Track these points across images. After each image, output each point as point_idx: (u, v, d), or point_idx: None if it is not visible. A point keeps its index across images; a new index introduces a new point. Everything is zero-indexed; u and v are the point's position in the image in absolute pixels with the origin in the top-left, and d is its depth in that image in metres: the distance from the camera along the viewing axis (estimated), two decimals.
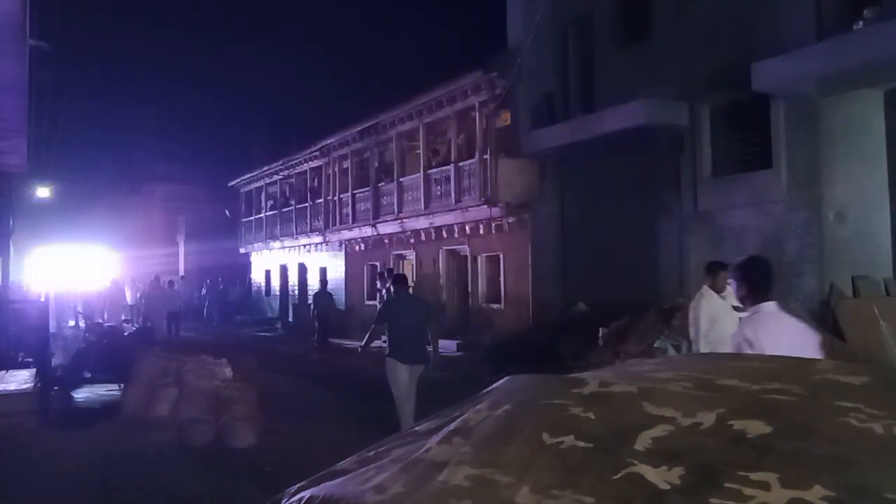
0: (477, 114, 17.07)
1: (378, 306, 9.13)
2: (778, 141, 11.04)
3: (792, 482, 1.37)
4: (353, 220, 22.54)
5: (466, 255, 18.44)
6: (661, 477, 1.46)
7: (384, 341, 7.94)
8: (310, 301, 21.25)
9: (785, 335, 3.77)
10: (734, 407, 1.66)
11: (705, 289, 6.38)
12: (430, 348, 7.82)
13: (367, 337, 8.04)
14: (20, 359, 11.01)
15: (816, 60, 10.00)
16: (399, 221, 20.04)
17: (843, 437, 1.52)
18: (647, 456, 1.53)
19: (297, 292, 27.66)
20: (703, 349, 5.88)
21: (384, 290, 19.71)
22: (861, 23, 9.73)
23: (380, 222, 21.02)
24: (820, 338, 4.17)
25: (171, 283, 22.41)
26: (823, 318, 9.88)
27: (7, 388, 8.92)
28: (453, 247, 18.88)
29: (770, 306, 3.92)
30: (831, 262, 10.67)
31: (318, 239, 25.20)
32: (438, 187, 18.55)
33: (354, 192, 22.60)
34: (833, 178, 10.82)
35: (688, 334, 6.43)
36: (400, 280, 8.53)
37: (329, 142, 23.70)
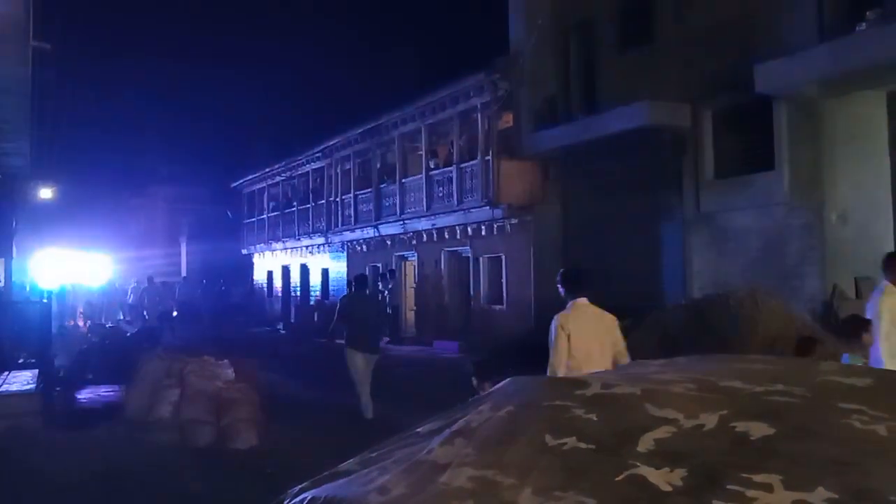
0: (479, 115, 17.08)
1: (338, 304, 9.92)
2: (780, 143, 11.03)
3: (795, 484, 1.37)
4: (356, 222, 22.55)
5: (468, 257, 18.44)
6: (663, 479, 1.46)
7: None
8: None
9: (590, 322, 5.32)
10: (737, 408, 1.66)
11: (887, 285, 5.51)
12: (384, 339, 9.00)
13: (331, 329, 9.57)
14: (22, 359, 11.02)
15: (819, 62, 10.00)
16: (401, 223, 20.05)
17: (847, 439, 1.52)
18: (649, 458, 1.53)
19: (298, 293, 27.67)
20: (885, 354, 5.17)
21: (386, 291, 19.79)
22: (864, 24, 9.72)
23: (382, 223, 21.03)
24: (616, 321, 5.53)
25: (164, 283, 22.97)
26: (826, 319, 9.87)
27: (10, 389, 8.93)
28: (455, 248, 18.88)
29: (581, 301, 5.43)
30: (834, 263, 10.66)
31: (320, 240, 25.21)
32: (440, 189, 18.55)
33: (357, 193, 22.61)
34: (836, 179, 10.81)
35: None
36: (359, 281, 9.69)
37: (331, 143, 23.72)
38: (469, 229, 17.87)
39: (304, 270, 27.25)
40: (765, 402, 1.71)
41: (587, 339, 5.23)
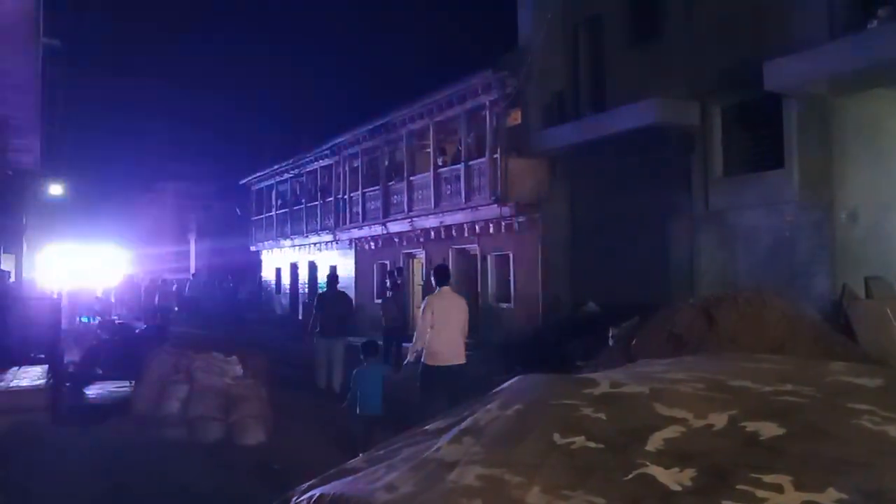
0: (487, 113, 17.05)
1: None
2: (790, 141, 10.97)
3: (805, 484, 1.36)
4: (364, 219, 22.56)
5: (476, 255, 18.42)
6: (672, 478, 1.45)
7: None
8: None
9: (448, 302, 7.72)
10: (747, 408, 1.66)
11: None
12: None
13: (311, 321, 11.44)
14: (32, 355, 11.07)
15: (829, 60, 9.93)
16: (409, 220, 20.04)
17: (857, 440, 1.51)
18: (658, 457, 1.53)
19: (307, 290, 27.72)
20: None
21: (394, 289, 19.80)
22: (875, 22, 9.65)
23: (390, 221, 21.04)
24: (466, 304, 8.01)
25: (164, 281, 23.55)
26: (835, 319, 9.82)
27: (20, 385, 8.98)
28: (463, 246, 18.87)
29: (445, 288, 7.85)
30: (843, 262, 10.60)
31: (328, 237, 25.24)
32: (448, 186, 18.54)
33: (365, 190, 22.62)
34: (845, 178, 10.74)
35: None
36: (330, 280, 12.12)
37: (339, 140, 23.74)
38: (477, 227, 17.86)
39: (312, 267, 27.29)
40: (774, 402, 1.70)
41: (445, 313, 7.64)
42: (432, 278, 8.11)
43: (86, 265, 27.30)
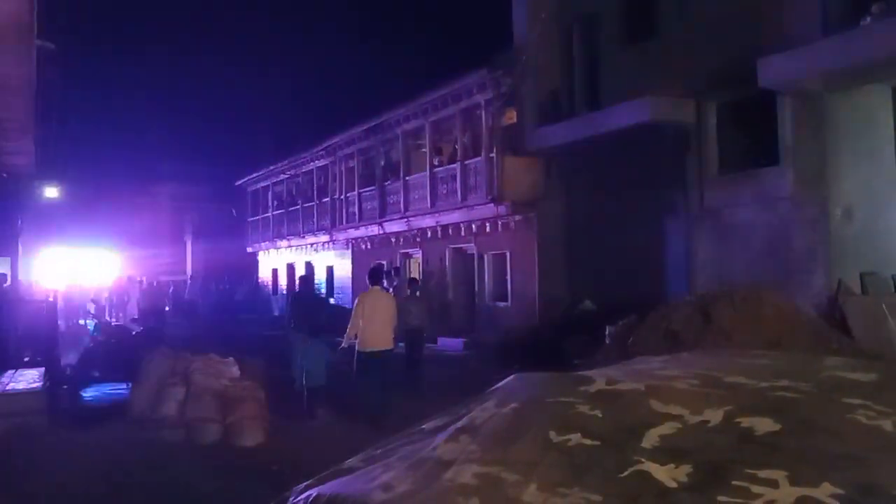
0: (482, 112, 17.05)
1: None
2: (784, 137, 10.99)
3: (800, 479, 1.37)
4: (360, 219, 22.56)
5: (473, 254, 18.43)
6: (668, 475, 1.46)
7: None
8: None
9: (378, 299, 9.11)
10: (742, 404, 1.66)
11: None
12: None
13: (287, 317, 12.00)
14: (28, 358, 11.05)
15: (823, 56, 9.95)
16: (405, 220, 20.05)
17: (852, 435, 1.51)
18: (654, 454, 1.53)
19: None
20: None
21: (391, 289, 19.81)
22: (868, 18, 9.68)
23: (386, 221, 21.03)
24: (394, 300, 9.61)
25: (159, 283, 24.18)
26: (831, 315, 9.85)
27: (16, 387, 8.96)
28: (459, 245, 18.88)
29: (375, 287, 9.34)
30: (839, 258, 10.62)
31: (324, 238, 25.23)
32: (444, 186, 18.54)
33: (361, 190, 22.61)
34: (840, 174, 10.77)
35: None
36: (303, 281, 13.18)
37: (335, 141, 23.73)
38: (473, 226, 17.87)
39: (309, 268, 27.28)
40: (770, 398, 1.71)
41: (375, 309, 8.96)
42: (367, 278, 9.45)
43: (82, 268, 27.27)
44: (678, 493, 1.43)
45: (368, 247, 22.92)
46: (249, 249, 32.48)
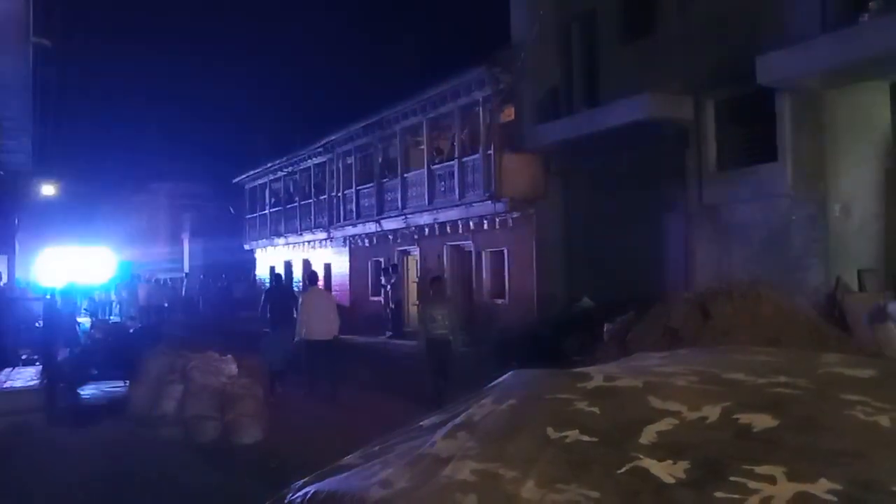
0: (481, 109, 17.04)
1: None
2: (783, 134, 10.99)
3: (798, 476, 1.37)
4: (358, 217, 22.55)
5: (471, 251, 18.43)
6: (666, 471, 1.46)
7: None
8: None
9: (318, 298, 11.25)
10: (740, 401, 1.66)
11: None
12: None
13: (260, 310, 12.50)
14: (25, 356, 11.04)
15: (822, 53, 9.95)
16: (403, 217, 20.04)
17: (850, 431, 1.51)
18: (652, 450, 1.53)
19: (301, 288, 27.70)
20: None
21: (388, 286, 19.83)
22: (867, 15, 9.68)
23: (384, 218, 21.03)
24: (334, 298, 12.76)
25: (156, 280, 24.32)
26: (829, 311, 9.85)
27: (14, 385, 8.96)
28: (457, 242, 18.88)
29: (315, 287, 11.88)
30: (837, 255, 10.64)
31: (322, 235, 25.22)
32: (442, 183, 18.54)
33: (358, 188, 22.60)
34: (838, 171, 10.78)
35: None
36: (277, 277, 15.20)
37: (333, 138, 23.70)
38: (471, 223, 17.87)
39: (307, 266, 27.28)
40: (768, 394, 1.71)
41: (313, 305, 10.78)
42: (307, 279, 11.17)
43: (79, 265, 27.22)
44: (676, 488, 1.43)
45: (366, 244, 22.91)
46: (247, 247, 32.47)
